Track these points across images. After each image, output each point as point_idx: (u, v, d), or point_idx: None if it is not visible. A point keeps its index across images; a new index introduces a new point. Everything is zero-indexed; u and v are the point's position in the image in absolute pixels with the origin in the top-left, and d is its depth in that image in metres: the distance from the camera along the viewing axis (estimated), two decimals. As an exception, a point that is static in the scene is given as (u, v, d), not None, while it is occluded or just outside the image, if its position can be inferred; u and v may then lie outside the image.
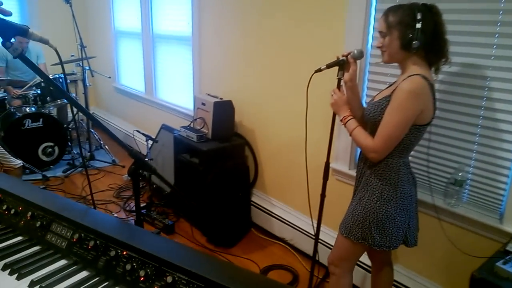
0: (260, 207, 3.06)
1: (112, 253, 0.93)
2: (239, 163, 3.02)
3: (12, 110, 4.01)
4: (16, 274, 0.94)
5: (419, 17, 1.44)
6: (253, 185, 3.17)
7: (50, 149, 4.08)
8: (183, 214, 3.26)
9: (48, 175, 3.95)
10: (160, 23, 4.10)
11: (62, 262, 0.99)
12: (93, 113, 5.72)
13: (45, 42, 1.05)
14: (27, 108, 4.03)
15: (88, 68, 4.26)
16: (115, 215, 3.29)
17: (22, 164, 2.67)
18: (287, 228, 2.86)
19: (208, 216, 2.91)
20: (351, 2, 2.17)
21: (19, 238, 1.09)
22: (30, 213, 1.11)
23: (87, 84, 4.27)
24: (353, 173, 2.18)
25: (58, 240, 1.04)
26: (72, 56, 4.23)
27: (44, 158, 4.07)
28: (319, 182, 1.99)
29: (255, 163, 3.11)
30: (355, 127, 1.64)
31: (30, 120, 3.94)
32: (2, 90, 4.30)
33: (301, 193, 2.73)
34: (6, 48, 0.93)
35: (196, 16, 3.40)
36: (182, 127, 3.15)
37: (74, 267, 0.97)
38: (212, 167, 2.87)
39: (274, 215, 2.95)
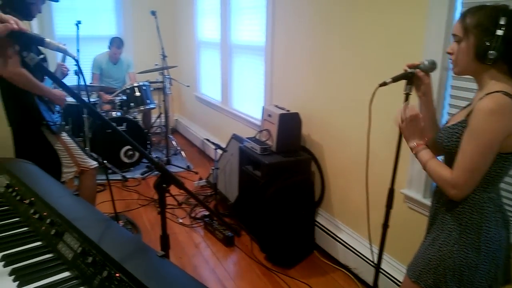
0: (325, 229, 2.85)
1: (105, 273, 0.85)
2: (304, 179, 2.84)
3: (101, 114, 4.33)
4: (18, 282, 0.91)
5: (502, 22, 1.16)
6: (318, 205, 2.96)
7: (131, 152, 4.32)
8: (245, 227, 3.17)
9: (127, 176, 4.18)
10: (237, 33, 4.13)
11: (65, 274, 0.95)
12: (176, 119, 5.99)
13: (63, 51, 1.04)
14: (114, 113, 4.33)
15: (168, 77, 4.44)
16: (180, 220, 3.33)
17: (97, 165, 2.81)
18: (352, 256, 2.60)
19: (268, 232, 2.78)
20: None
21: (38, 243, 1.08)
22: (50, 219, 1.10)
23: (167, 92, 4.45)
24: (428, 202, 1.89)
25: (67, 251, 0.99)
26: (156, 65, 4.45)
27: (125, 160, 4.32)
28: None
29: (322, 180, 2.91)
30: (429, 159, 1.37)
31: (115, 124, 4.21)
32: (95, 95, 4.69)
33: (370, 218, 2.46)
34: (23, 58, 0.93)
35: (270, 26, 3.33)
36: (248, 138, 3.08)
37: (74, 281, 0.91)
38: (274, 181, 2.74)
39: (339, 240, 2.71)
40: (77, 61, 1.11)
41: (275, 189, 2.71)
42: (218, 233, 3.05)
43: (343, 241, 2.68)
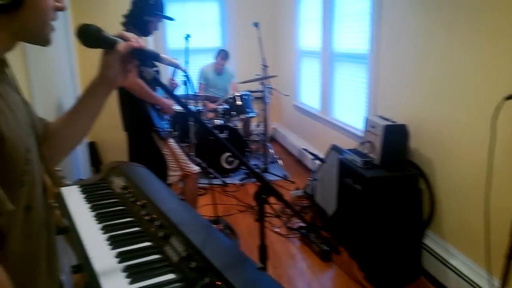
0: (434, 253, 2.58)
1: (207, 280, 0.85)
2: (411, 196, 2.63)
3: (205, 121, 4.58)
4: (130, 279, 0.96)
5: None
6: (427, 225, 2.71)
7: (231, 158, 4.47)
8: (343, 242, 3.04)
9: (227, 182, 4.33)
10: (338, 41, 4.03)
11: (170, 276, 0.97)
12: (274, 128, 6.06)
13: (175, 66, 1.09)
14: (217, 121, 4.54)
15: (268, 86, 4.52)
16: (277, 230, 3.33)
17: (199, 170, 2.96)
18: (465, 286, 2.32)
19: (369, 250, 2.62)
20: None
21: (147, 243, 1.13)
22: (159, 222, 1.15)
23: (267, 102, 4.53)
24: None
25: (173, 254, 1.03)
26: (256, 75, 4.56)
27: (226, 165, 4.49)
28: None
29: (431, 199, 2.65)
30: None
31: (217, 131, 4.41)
32: (201, 104, 4.97)
33: (490, 246, 2.17)
34: (141, 72, 1.01)
35: (374, 33, 3.17)
36: (348, 150, 2.96)
37: (178, 284, 0.93)
38: (376, 197, 2.58)
39: (451, 266, 2.44)
40: (187, 74, 1.16)
41: (378, 205, 2.55)
42: (315, 246, 2.97)
43: (455, 268, 2.40)
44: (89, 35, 0.94)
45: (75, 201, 1.39)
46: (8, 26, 0.75)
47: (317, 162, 3.37)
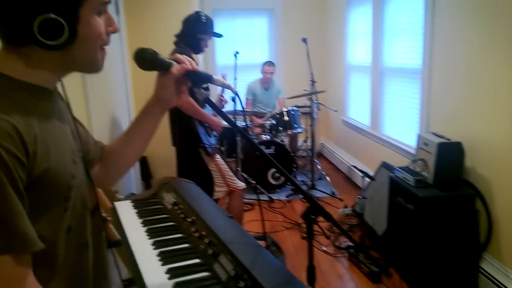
0: (492, 278, 2.41)
1: (255, 303, 0.85)
2: (466, 218, 2.48)
3: (252, 136, 4.63)
4: (180, 296, 0.97)
5: None
6: (484, 248, 2.54)
7: (277, 174, 4.46)
8: (394, 264, 2.91)
9: (273, 198, 4.32)
10: (389, 56, 3.94)
11: (219, 295, 0.97)
12: (322, 143, 5.99)
13: (227, 87, 1.12)
14: (264, 136, 4.56)
15: (316, 102, 4.49)
16: (324, 248, 3.25)
17: (245, 186, 2.97)
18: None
19: (421, 273, 2.49)
20: None
21: (197, 260, 1.14)
22: (208, 239, 1.16)
23: (315, 117, 4.49)
24: None
25: (222, 272, 1.03)
26: (304, 90, 4.55)
27: (272, 181, 4.48)
28: None
29: (489, 221, 2.49)
30: None
31: (264, 147, 4.42)
32: (248, 119, 5.03)
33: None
34: (193, 93, 1.04)
35: (427, 48, 3.07)
36: (400, 167, 2.85)
37: (226, 304, 0.93)
38: (429, 217, 2.46)
39: (511, 293, 2.26)
40: (237, 94, 1.18)
41: (431, 226, 2.43)
42: (364, 266, 2.87)
43: (519, 297, 2.22)
44: (145, 59, 0.97)
45: (128, 216, 1.44)
46: (62, 60, 0.78)
47: (367, 179, 3.28)
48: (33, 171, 0.72)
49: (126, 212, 1.48)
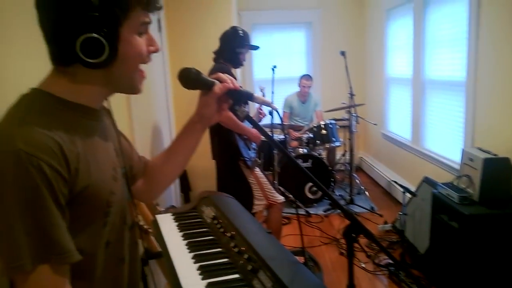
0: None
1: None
2: (517, 237, 2.35)
3: (289, 150, 4.62)
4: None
5: None
6: (536, 271, 2.38)
7: (314, 188, 4.42)
8: (436, 283, 2.79)
9: (311, 212, 4.27)
10: (430, 68, 3.84)
11: (258, 312, 0.98)
12: (360, 157, 5.89)
13: (267, 105, 1.14)
14: (301, 150, 4.55)
15: (355, 115, 4.43)
16: (363, 265, 3.18)
17: (284, 200, 2.97)
18: None
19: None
20: None
21: (236, 276, 1.16)
22: (247, 255, 1.17)
23: (353, 130, 4.43)
24: None
25: (260, 288, 1.04)
26: (342, 103, 4.50)
27: (310, 195, 4.44)
28: None
29: (543, 241, 2.34)
30: None
31: (301, 160, 4.41)
32: (285, 132, 5.03)
33: None
34: (235, 111, 1.07)
35: (472, 60, 2.97)
36: (443, 183, 2.75)
37: (265, 322, 0.94)
38: (475, 235, 2.35)
39: None
40: (277, 111, 1.20)
41: (476, 245, 2.32)
42: (405, 285, 2.78)
43: None
44: (189, 78, 1.01)
45: (169, 228, 1.48)
46: (104, 80, 0.82)
47: (408, 195, 3.18)
48: (75, 187, 0.76)
49: (167, 225, 1.53)
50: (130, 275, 1.01)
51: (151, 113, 2.96)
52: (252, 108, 4.09)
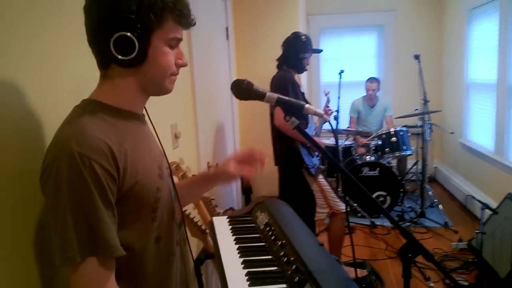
0: None
1: None
2: None
3: (355, 157, 4.45)
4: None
5: None
6: None
7: (382, 198, 4.20)
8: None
9: (376, 223, 4.06)
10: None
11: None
12: (435, 167, 5.50)
13: (319, 116, 1.11)
14: (368, 157, 4.35)
15: (429, 122, 4.14)
16: (432, 285, 2.94)
17: (347, 209, 2.85)
18: None
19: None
20: None
21: (283, 286, 1.12)
22: (295, 265, 1.13)
23: (427, 139, 4.14)
24: None
25: (306, 302, 0.98)
26: (416, 110, 4.23)
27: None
28: None
29: None
30: None
31: (368, 168, 4.22)
32: (352, 138, 4.86)
33: None
34: (286, 121, 1.08)
35: None
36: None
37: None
38: None
39: None
40: (330, 123, 1.17)
41: None
42: (480, 311, 2.51)
43: None
44: (241, 90, 1.05)
45: (223, 231, 1.48)
46: (136, 81, 0.89)
47: (487, 211, 2.89)
48: (124, 184, 0.83)
49: (222, 228, 1.52)
50: (181, 272, 1.05)
51: (215, 117, 3.02)
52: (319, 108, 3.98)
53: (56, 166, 0.76)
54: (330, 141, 4.36)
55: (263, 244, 1.35)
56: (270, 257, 1.26)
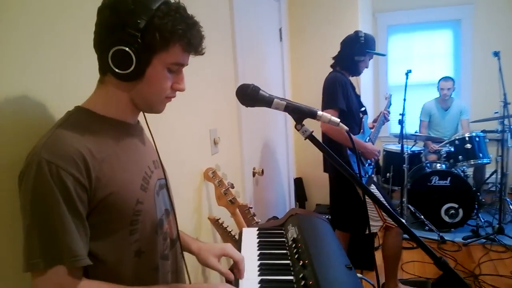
0: None
1: None
2: None
3: (424, 164, 4.10)
4: None
5: None
6: None
7: (453, 211, 3.82)
8: None
9: (446, 238, 3.69)
10: None
11: None
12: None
13: (334, 124, 0.99)
14: (438, 165, 3.99)
15: (511, 126, 3.67)
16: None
17: (404, 223, 2.60)
18: None
19: None
20: None
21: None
22: (310, 281, 1.02)
23: (507, 146, 3.68)
24: None
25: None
26: (495, 113, 3.78)
27: (446, 218, 3.85)
28: None
29: None
30: None
31: (437, 177, 3.86)
32: (422, 144, 4.50)
33: None
34: (297, 130, 0.98)
35: None
36: None
37: None
38: None
39: None
40: (349, 134, 1.03)
41: None
42: None
43: None
44: (246, 95, 0.97)
45: (249, 244, 1.40)
46: (129, 94, 0.90)
47: None
48: (97, 194, 0.81)
49: (249, 241, 1.45)
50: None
51: (264, 121, 2.93)
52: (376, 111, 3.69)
53: (27, 173, 0.78)
54: (397, 147, 4.07)
55: (287, 262, 1.25)
56: (291, 277, 1.16)
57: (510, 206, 3.85)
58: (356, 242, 2.85)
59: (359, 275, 2.73)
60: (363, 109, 2.73)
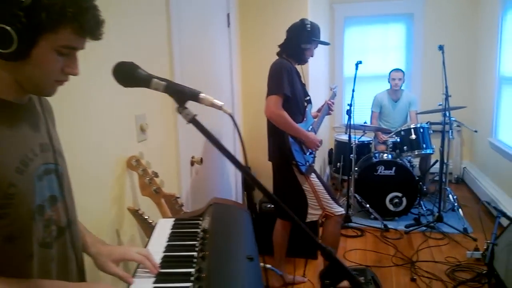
0: None
1: None
2: None
3: (372, 154, 4.19)
4: None
5: None
6: None
7: (397, 200, 3.93)
8: None
9: (389, 226, 3.81)
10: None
11: None
12: (464, 168, 5.09)
13: (218, 108, 0.95)
14: (385, 155, 4.08)
15: (453, 119, 3.80)
16: (439, 297, 2.69)
17: (343, 212, 2.64)
18: None
19: None
20: None
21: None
22: (204, 273, 0.99)
23: (450, 137, 3.81)
24: None
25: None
26: (439, 105, 3.90)
27: (391, 207, 3.97)
28: None
29: None
30: None
31: (383, 167, 3.96)
32: (373, 134, 4.59)
33: None
34: (179, 113, 0.93)
35: None
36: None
37: None
38: None
39: None
40: (232, 117, 0.98)
41: None
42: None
43: None
44: (123, 73, 0.92)
45: (159, 236, 1.36)
46: (13, 73, 0.85)
47: (504, 220, 2.58)
48: None
49: (161, 232, 1.41)
50: (60, 274, 1.00)
51: (208, 110, 2.86)
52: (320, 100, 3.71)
53: None
54: (345, 136, 4.13)
55: (192, 254, 1.22)
56: (191, 270, 1.13)
57: (450, 195, 4.00)
58: (299, 231, 2.87)
59: (268, 266, 2.76)
60: (307, 98, 2.72)
